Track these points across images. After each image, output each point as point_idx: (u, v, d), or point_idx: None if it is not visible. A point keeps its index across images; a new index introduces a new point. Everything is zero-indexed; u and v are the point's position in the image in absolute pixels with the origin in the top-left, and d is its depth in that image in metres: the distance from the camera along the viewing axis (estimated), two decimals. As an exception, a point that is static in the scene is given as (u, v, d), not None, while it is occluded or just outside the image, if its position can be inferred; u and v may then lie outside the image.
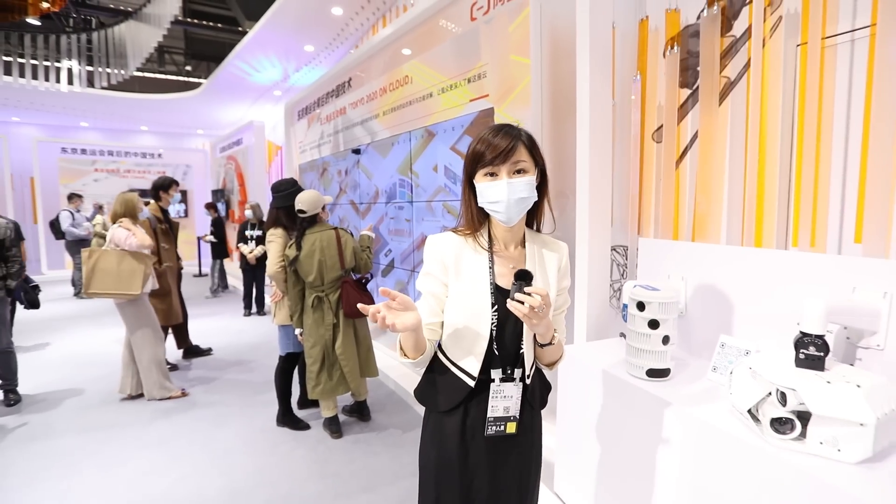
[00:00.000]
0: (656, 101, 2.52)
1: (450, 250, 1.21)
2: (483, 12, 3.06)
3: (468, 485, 1.23)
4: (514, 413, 1.21)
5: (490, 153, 1.13)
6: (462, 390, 1.20)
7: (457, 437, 1.22)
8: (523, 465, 1.27)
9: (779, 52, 2.02)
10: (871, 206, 1.75)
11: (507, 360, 1.20)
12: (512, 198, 1.12)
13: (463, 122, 3.13)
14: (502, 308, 1.17)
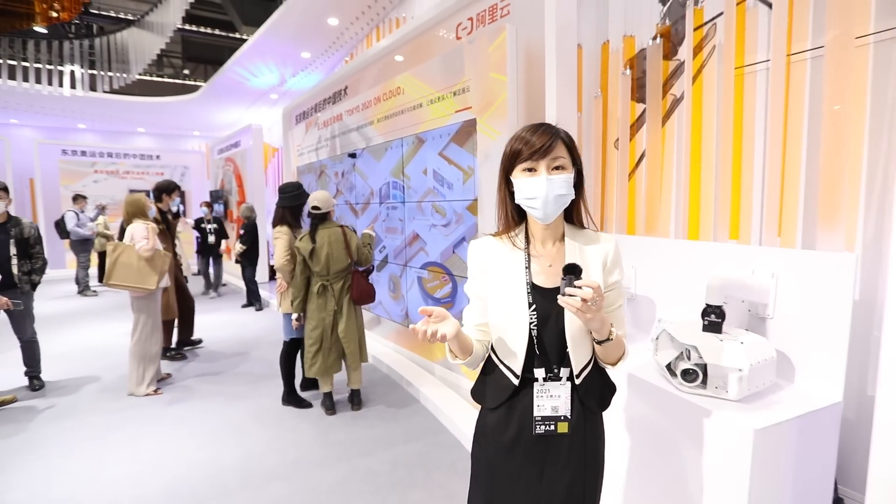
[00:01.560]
0: (617, 114, 2.89)
1: (487, 253, 1.24)
2: (467, 32, 3.43)
3: (516, 480, 1.21)
4: (565, 413, 1.18)
5: (528, 149, 1.11)
6: (507, 388, 1.20)
7: (504, 433, 1.21)
8: (575, 468, 1.20)
9: (713, 75, 2.40)
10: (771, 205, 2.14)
11: (553, 358, 1.18)
12: (550, 194, 1.11)
13: (449, 130, 3.49)
14: (541, 306, 1.16)
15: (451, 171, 3.54)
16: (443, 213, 3.68)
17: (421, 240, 3.98)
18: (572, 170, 1.14)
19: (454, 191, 3.53)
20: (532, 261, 1.20)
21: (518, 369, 1.18)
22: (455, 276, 3.64)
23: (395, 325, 4.55)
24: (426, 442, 2.97)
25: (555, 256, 1.19)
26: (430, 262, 3.90)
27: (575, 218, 1.23)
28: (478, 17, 3.32)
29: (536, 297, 1.16)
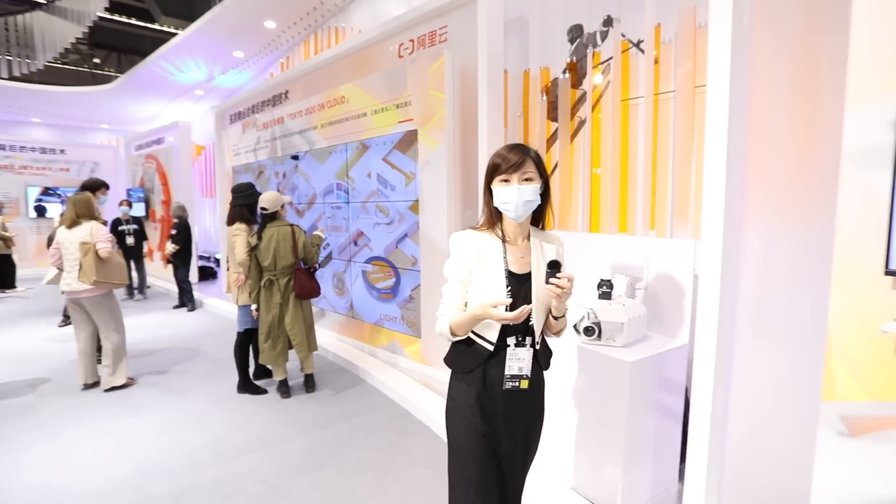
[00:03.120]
0: (536, 131, 3.49)
1: (472, 243, 1.46)
2: (409, 52, 3.87)
3: (489, 431, 1.46)
4: (527, 372, 1.44)
5: (505, 165, 1.39)
6: (482, 355, 1.45)
7: (478, 393, 1.46)
8: (532, 413, 1.53)
9: (606, 105, 3.06)
10: (647, 206, 2.83)
11: (519, 329, 1.43)
12: (520, 200, 1.39)
13: (393, 138, 3.91)
14: (514, 288, 1.42)
15: (394, 175, 3.96)
16: (386, 212, 4.09)
17: (365, 237, 4.35)
18: (539, 181, 1.42)
19: (397, 192, 3.96)
20: (507, 252, 1.46)
21: (494, 339, 1.43)
22: (398, 269, 4.06)
23: (338, 317, 4.86)
24: (378, 413, 3.37)
25: (524, 250, 1.48)
26: (375, 257, 4.29)
27: (540, 220, 1.53)
28: (419, 39, 3.78)
29: (511, 280, 1.43)
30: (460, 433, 1.49)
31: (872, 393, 1.34)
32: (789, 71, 1.73)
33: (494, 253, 1.45)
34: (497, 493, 1.47)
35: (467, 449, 1.47)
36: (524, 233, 1.49)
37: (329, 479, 2.56)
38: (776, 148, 1.76)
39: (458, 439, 1.49)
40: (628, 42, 2.93)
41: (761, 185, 1.80)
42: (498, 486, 1.48)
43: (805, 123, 1.67)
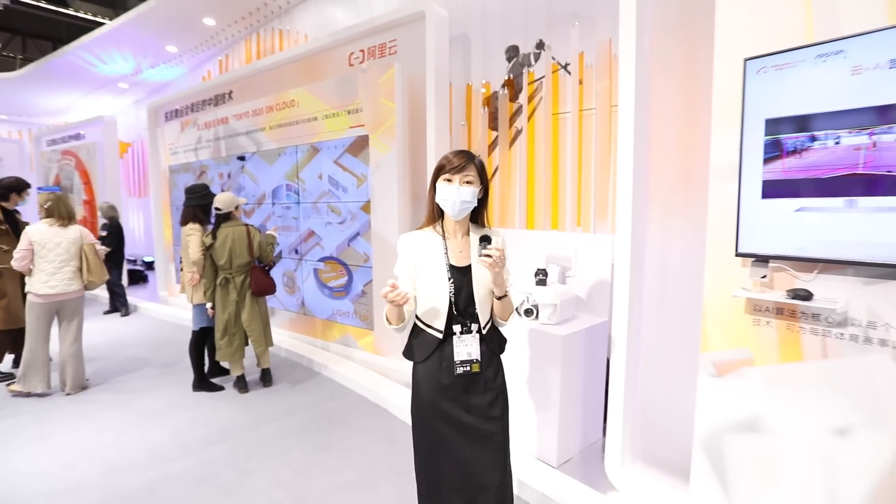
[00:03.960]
0: (478, 138, 3.87)
1: (415, 243, 1.61)
2: (359, 61, 4.10)
3: (450, 414, 1.59)
4: (476, 357, 1.57)
5: (449, 166, 1.54)
6: (432, 343, 1.58)
7: (434, 377, 1.59)
8: (491, 397, 1.62)
9: (539, 117, 3.50)
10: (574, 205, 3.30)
11: (465, 317, 1.58)
12: (458, 199, 1.53)
13: (344, 142, 4.13)
14: (456, 279, 1.56)
15: (345, 177, 4.18)
16: (338, 212, 4.30)
17: (317, 236, 4.52)
18: (479, 186, 1.57)
19: (349, 193, 4.18)
20: (448, 247, 1.60)
21: (441, 327, 1.57)
22: (350, 267, 4.29)
23: (289, 314, 4.98)
24: (337, 401, 3.59)
25: (463, 245, 1.62)
26: (327, 256, 4.47)
27: (479, 219, 1.68)
28: (369, 50, 4.03)
29: (453, 272, 1.58)
30: (422, 414, 1.63)
31: (731, 342, 1.83)
32: (677, 103, 2.22)
33: (436, 249, 1.59)
34: (456, 466, 1.61)
35: (427, 428, 1.62)
36: (463, 229, 1.64)
37: (298, 459, 2.77)
38: (668, 162, 2.24)
39: (420, 421, 1.64)
40: (558, 64, 3.38)
41: (659, 190, 2.28)
42: (456, 461, 1.61)
43: (687, 146, 2.16)
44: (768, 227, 1.67)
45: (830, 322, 1.61)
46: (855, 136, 1.47)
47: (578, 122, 3.31)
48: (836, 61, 1.50)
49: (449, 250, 1.60)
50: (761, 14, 1.71)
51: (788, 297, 1.62)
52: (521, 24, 3.56)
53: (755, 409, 1.79)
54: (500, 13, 3.69)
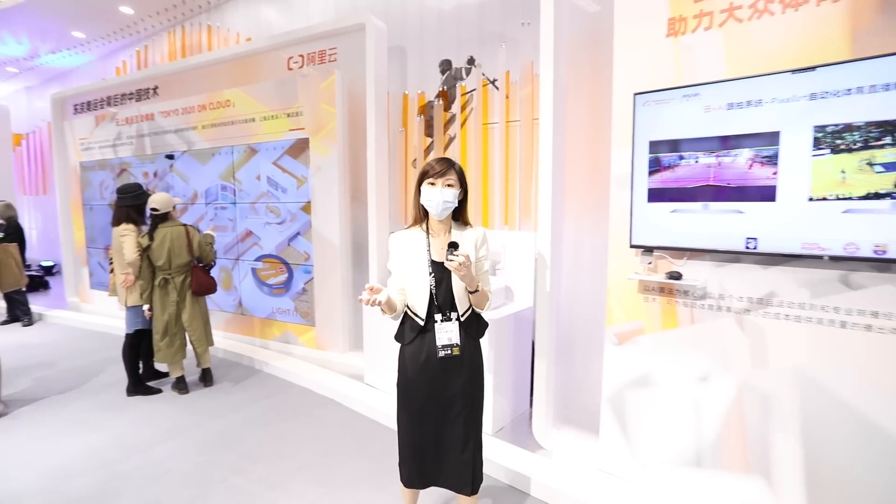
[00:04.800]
0: (414, 143, 4.17)
1: (402, 241, 1.81)
2: (299, 66, 4.22)
3: (429, 390, 1.79)
4: (456, 341, 1.75)
5: (432, 171, 1.73)
6: (416, 328, 1.78)
7: (418, 359, 1.78)
8: (468, 377, 1.81)
9: (471, 126, 3.87)
10: (502, 206, 3.72)
11: (446, 307, 1.76)
12: (441, 200, 1.71)
13: (283, 144, 4.23)
14: (437, 273, 1.75)
15: (285, 178, 4.28)
16: (277, 212, 4.39)
17: (255, 236, 4.56)
18: (459, 189, 1.75)
19: (288, 194, 4.29)
20: (431, 244, 1.78)
21: (423, 315, 1.77)
22: (291, 265, 4.39)
23: (225, 315, 4.94)
24: (283, 395, 3.71)
25: (445, 242, 1.75)
26: (266, 255, 4.54)
27: (461, 218, 1.84)
28: (308, 56, 4.16)
29: (434, 267, 1.75)
30: (404, 391, 1.84)
31: (628, 316, 2.30)
32: (587, 120, 2.67)
33: (420, 245, 1.79)
34: (432, 440, 1.82)
35: (408, 402, 1.83)
36: (446, 228, 1.81)
37: (252, 449, 2.90)
38: (579, 170, 2.70)
39: (403, 395, 1.85)
40: (487, 79, 3.77)
41: (573, 193, 2.72)
42: (433, 434, 1.82)
43: (595, 157, 2.63)
44: (652, 225, 2.15)
45: (695, 296, 2.11)
46: (707, 157, 1.97)
47: (505, 132, 3.72)
48: (694, 101, 1.99)
49: (432, 247, 1.78)
50: (645, 60, 2.19)
51: (667, 278, 2.10)
52: (454, 40, 3.91)
53: (646, 368, 2.28)
54: (434, 29, 4.01)
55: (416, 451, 1.85)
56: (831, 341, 1.83)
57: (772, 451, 1.99)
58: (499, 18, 3.68)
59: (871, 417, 1.77)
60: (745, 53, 1.95)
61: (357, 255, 4.23)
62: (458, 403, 1.81)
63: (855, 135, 1.68)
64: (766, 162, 1.85)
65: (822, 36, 1.79)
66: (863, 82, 1.66)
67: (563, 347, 2.83)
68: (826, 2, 1.77)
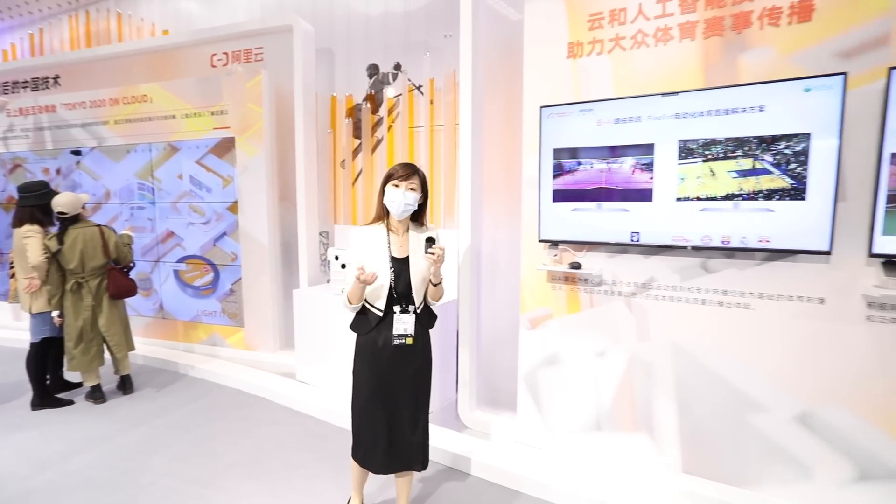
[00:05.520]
0: (342, 144, 4.26)
1: (365, 236, 1.94)
2: (223, 64, 4.15)
3: (384, 375, 1.93)
4: (411, 332, 1.90)
5: (397, 174, 1.88)
6: (375, 319, 1.91)
7: (375, 348, 1.92)
8: (419, 364, 1.98)
9: (397, 129, 4.04)
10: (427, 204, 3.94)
11: (403, 299, 1.90)
12: (402, 202, 1.85)
13: (208, 143, 4.13)
14: (396, 268, 1.89)
15: (209, 178, 4.20)
16: (202, 212, 4.28)
17: (177, 236, 4.42)
18: (420, 193, 1.91)
19: (214, 194, 4.21)
20: (391, 241, 1.93)
21: (382, 307, 1.90)
22: (217, 266, 4.31)
23: (144, 320, 4.72)
24: (212, 396, 3.66)
25: (403, 240, 1.95)
26: (189, 256, 4.41)
27: (419, 220, 2.01)
28: (233, 54, 4.11)
29: (394, 262, 1.91)
30: (361, 377, 1.97)
31: (538, 303, 2.60)
32: (502, 126, 2.95)
33: (381, 241, 1.93)
34: (385, 421, 1.95)
35: (364, 388, 1.96)
36: (405, 227, 1.96)
37: (181, 450, 2.87)
38: (496, 172, 2.97)
39: (359, 382, 1.98)
40: (412, 85, 3.96)
41: (491, 194, 2.99)
42: (386, 417, 1.95)
43: (509, 160, 2.91)
44: (557, 222, 2.46)
45: (593, 283, 2.45)
46: (600, 164, 2.30)
47: (430, 135, 3.93)
48: (589, 115, 2.32)
49: (392, 244, 1.93)
50: (550, 77, 2.49)
51: (569, 268, 2.42)
52: (381, 45, 4.06)
53: (554, 349, 2.59)
54: (362, 33, 4.13)
55: (371, 433, 1.97)
56: (695, 316, 2.23)
57: (654, 412, 2.37)
58: (424, 28, 3.88)
59: (722, 375, 2.19)
60: (628, 77, 2.31)
61: (286, 254, 4.25)
62: (410, 388, 1.97)
63: (709, 148, 2.07)
64: (644, 168, 2.22)
65: (684, 67, 2.18)
66: (711, 107, 2.06)
67: (484, 334, 3.09)
68: (686, 39, 2.16)
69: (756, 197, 2.00)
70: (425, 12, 3.86)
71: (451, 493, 2.46)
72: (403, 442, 1.98)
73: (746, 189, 2.01)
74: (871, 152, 1.83)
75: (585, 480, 2.37)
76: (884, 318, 1.88)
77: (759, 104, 1.97)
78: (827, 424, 2.00)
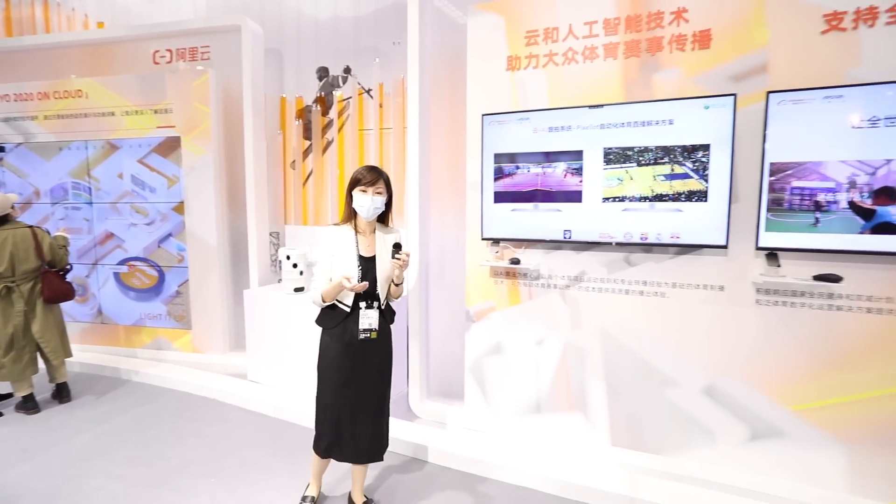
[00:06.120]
0: (293, 145, 4.29)
1: (334, 235, 2.02)
2: (166, 61, 4.06)
3: (350, 368, 2.02)
4: (375, 326, 2.02)
5: (364, 179, 1.97)
6: (342, 315, 2.01)
7: (341, 342, 2.01)
8: (382, 357, 2.10)
9: (347, 131, 4.13)
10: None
11: (369, 296, 2.01)
12: (371, 206, 1.96)
13: (150, 142, 4.03)
14: (364, 266, 1.99)
15: (153, 178, 4.10)
16: (145, 213, 4.17)
17: (117, 238, 4.27)
18: (386, 195, 2.03)
19: (158, 194, 4.11)
20: (358, 241, 2.03)
21: (350, 303, 2.01)
22: (162, 268, 4.21)
23: (80, 326, 4.52)
24: (158, 401, 3.59)
25: (371, 240, 2.06)
26: (131, 258, 4.27)
27: (384, 220, 2.13)
28: (178, 51, 4.04)
29: (361, 260, 2.01)
30: (326, 370, 2.06)
31: (483, 296, 2.80)
32: (447, 131, 3.13)
33: (349, 241, 2.03)
34: (350, 413, 2.05)
35: (330, 380, 2.05)
36: (371, 228, 2.08)
37: (128, 455, 2.82)
38: (442, 174, 3.15)
39: (325, 374, 2.06)
40: (362, 88, 4.07)
41: (437, 194, 3.16)
42: (351, 408, 2.05)
43: (455, 163, 3.10)
44: (498, 221, 2.66)
45: (531, 277, 2.68)
46: (536, 168, 2.53)
47: (380, 137, 4.05)
48: (526, 123, 2.54)
49: (359, 243, 2.03)
50: (490, 87, 2.70)
51: (510, 264, 2.64)
52: (331, 49, 4.13)
53: (498, 339, 2.80)
54: (311, 36, 4.18)
55: (335, 424, 2.07)
56: (620, 305, 2.50)
57: (586, 393, 2.63)
58: (373, 34, 3.99)
59: (643, 356, 2.48)
60: (561, 90, 2.55)
61: (235, 255, 4.23)
62: (373, 380, 2.08)
63: (629, 154, 2.34)
64: (575, 172, 2.46)
65: (608, 83, 2.45)
66: (630, 119, 2.33)
67: (433, 328, 3.26)
68: (610, 58, 2.43)
69: (668, 199, 2.29)
70: (374, 18, 3.98)
71: (408, 481, 2.59)
72: (368, 432, 2.10)
73: (659, 192, 2.30)
74: (756, 162, 2.16)
75: (528, 458, 2.59)
76: (769, 302, 2.21)
77: (670, 118, 2.26)
78: (727, 394, 2.32)
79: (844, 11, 1.99)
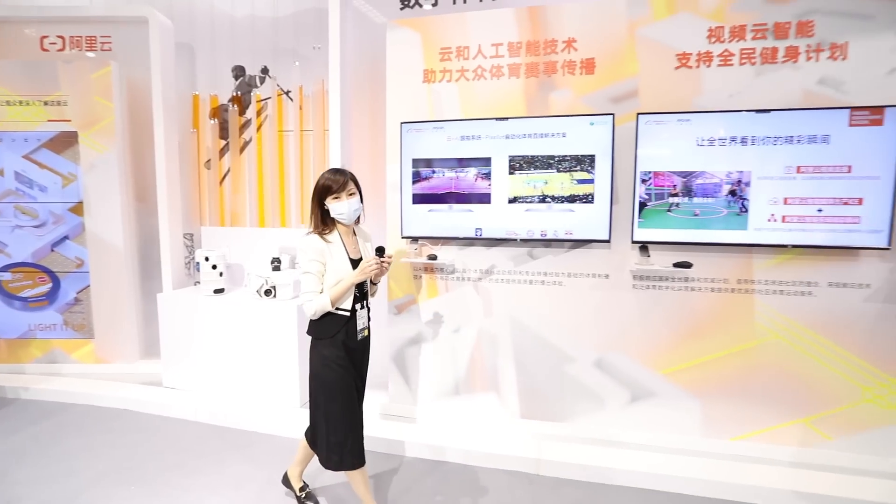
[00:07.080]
0: (207, 144, 4.18)
1: (321, 244, 1.98)
2: (57, 49, 3.75)
3: (356, 370, 2.10)
4: (368, 325, 2.14)
5: (335, 186, 1.96)
6: (343, 320, 2.00)
7: (344, 346, 2.02)
8: (368, 352, 2.21)
9: (266, 131, 4.12)
10: (298, 206, 4.11)
11: (361, 298, 2.07)
12: (350, 210, 1.98)
13: (40, 136, 3.70)
14: (355, 268, 1.99)
15: (44, 175, 3.78)
16: (33, 214, 3.83)
17: (-1, 242, 3.87)
18: (358, 194, 2.04)
19: (50, 194, 3.80)
20: (345, 244, 2.04)
21: (349, 307, 2.01)
22: (56, 273, 3.90)
23: (-48, 341, 4.02)
24: (59, 417, 3.34)
25: (353, 242, 2.10)
26: (16, 264, 3.90)
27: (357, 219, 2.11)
28: (71, 39, 3.75)
29: (353, 264, 2.02)
30: (333, 381, 2.01)
31: (403, 291, 3.02)
32: (368, 135, 3.30)
33: (338, 247, 2.02)
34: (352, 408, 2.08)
35: (340, 389, 2.02)
36: (351, 230, 2.11)
37: (29, 474, 2.62)
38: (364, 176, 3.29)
39: (331, 385, 2.01)
40: (281, 90, 4.08)
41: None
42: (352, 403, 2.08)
43: (376, 165, 3.28)
44: (416, 220, 2.89)
45: (448, 271, 2.95)
46: (450, 172, 2.80)
47: (300, 139, 4.09)
48: (440, 132, 2.80)
49: (347, 247, 2.04)
50: (408, 98, 2.92)
51: (428, 259, 2.88)
52: (247, 48, 4.08)
53: (418, 329, 3.03)
54: (226, 34, 4.10)
55: (356, 431, 2.10)
56: (526, 294, 2.85)
57: (498, 374, 2.95)
58: (292, 36, 4.02)
59: (545, 338, 2.85)
60: (472, 102, 2.84)
61: (144, 258, 4.03)
62: (363, 378, 2.21)
63: (530, 162, 2.69)
64: (484, 177, 2.76)
65: (512, 98, 2.78)
66: (531, 131, 2.68)
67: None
68: (513, 77, 2.76)
69: (562, 200, 2.67)
70: (293, 21, 4.01)
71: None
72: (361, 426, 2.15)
73: (555, 194, 2.67)
74: (630, 170, 2.60)
75: (450, 436, 2.84)
76: (642, 286, 2.68)
77: (563, 131, 2.64)
78: (612, 365, 2.76)
79: (690, 53, 2.49)
